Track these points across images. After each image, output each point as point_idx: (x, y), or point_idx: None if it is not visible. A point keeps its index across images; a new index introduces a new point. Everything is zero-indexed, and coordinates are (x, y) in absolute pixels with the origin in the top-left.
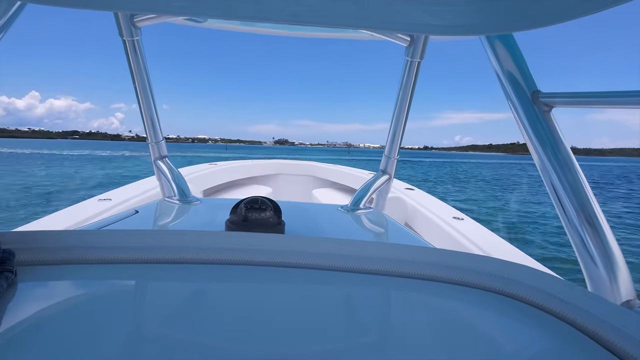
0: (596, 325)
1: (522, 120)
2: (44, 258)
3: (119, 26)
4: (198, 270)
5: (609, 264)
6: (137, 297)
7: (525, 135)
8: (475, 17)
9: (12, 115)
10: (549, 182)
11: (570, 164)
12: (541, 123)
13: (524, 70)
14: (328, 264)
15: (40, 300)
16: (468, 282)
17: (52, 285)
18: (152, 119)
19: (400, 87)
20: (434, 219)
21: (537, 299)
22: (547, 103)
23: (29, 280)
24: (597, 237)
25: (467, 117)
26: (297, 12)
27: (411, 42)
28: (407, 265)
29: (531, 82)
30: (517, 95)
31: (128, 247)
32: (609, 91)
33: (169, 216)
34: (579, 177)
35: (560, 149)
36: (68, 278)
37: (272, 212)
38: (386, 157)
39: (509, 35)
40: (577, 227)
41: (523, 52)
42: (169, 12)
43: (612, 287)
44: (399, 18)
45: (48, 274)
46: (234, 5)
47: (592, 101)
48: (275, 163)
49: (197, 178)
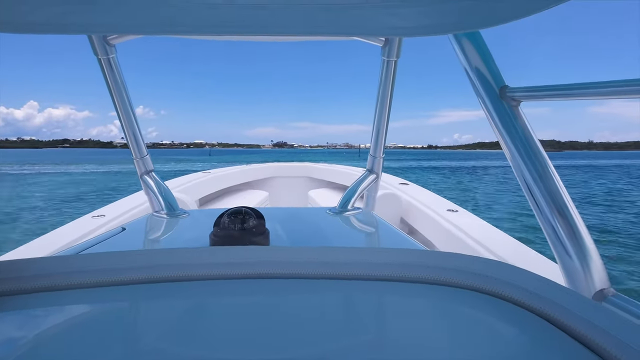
0: (570, 319)
1: (492, 116)
2: (26, 286)
3: (92, 45)
4: (184, 287)
5: (582, 255)
6: (122, 320)
7: (496, 130)
8: (440, 17)
9: (11, 125)
10: (521, 176)
11: (540, 157)
12: (510, 118)
13: (491, 66)
14: (311, 272)
15: (24, 330)
16: (444, 282)
17: (32, 314)
18: (134, 135)
19: (380, 86)
20: (429, 212)
21: (514, 295)
22: (515, 98)
23: (12, 309)
24: (569, 230)
25: (464, 115)
26: (268, 25)
27: (386, 42)
28: (382, 268)
29: (499, 77)
30: (486, 91)
31: (112, 269)
32: (576, 83)
33: (156, 232)
34: (549, 170)
35: (530, 142)
36: (49, 305)
37: (255, 221)
38: (372, 157)
39: (475, 32)
40: (550, 220)
41: (492, 48)
42: (140, 33)
43: (586, 277)
44: (369, 24)
45: (31, 302)
46: (202, 22)
47: (559, 94)
48: (270, 166)
49: (191, 187)
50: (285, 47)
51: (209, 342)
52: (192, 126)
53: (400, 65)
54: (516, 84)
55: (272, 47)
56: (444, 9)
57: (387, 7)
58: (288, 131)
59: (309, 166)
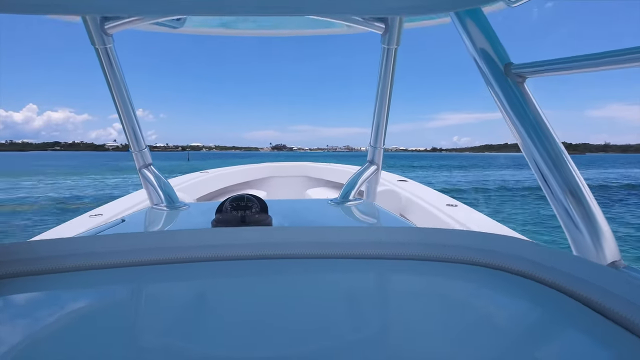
0: (582, 287)
1: (497, 93)
2: (26, 269)
3: (89, 33)
4: (186, 269)
5: (593, 229)
6: (127, 302)
7: (501, 107)
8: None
9: (10, 128)
10: (530, 154)
11: (549, 133)
12: (515, 95)
13: (495, 43)
14: (312, 252)
15: (25, 314)
16: (448, 258)
17: (35, 297)
18: (133, 128)
19: (380, 75)
20: (428, 207)
21: (521, 267)
22: (520, 74)
23: (12, 293)
24: (579, 203)
25: (464, 118)
26: (266, 3)
27: (386, 29)
28: (391, 247)
29: (503, 54)
30: (490, 69)
31: (113, 252)
32: (579, 55)
33: (156, 223)
34: (557, 145)
35: (537, 119)
36: (52, 288)
37: (257, 208)
38: (372, 147)
39: (478, 10)
40: (560, 195)
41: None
42: (141, 13)
43: (597, 250)
44: (368, 2)
45: (31, 285)
46: (195, 1)
47: (564, 67)
48: (267, 166)
49: (189, 187)
50: (286, 50)
51: (210, 324)
52: (191, 129)
53: (400, 66)
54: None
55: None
56: None
57: None
58: (287, 134)
59: (306, 165)
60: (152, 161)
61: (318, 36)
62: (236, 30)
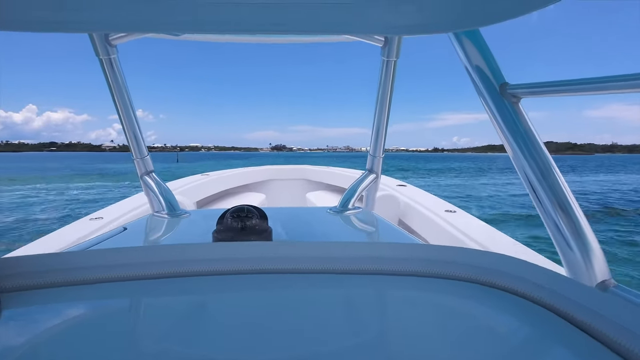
0: (571, 308)
1: (493, 113)
2: (29, 283)
3: (94, 45)
4: (187, 283)
5: (583, 247)
6: (127, 315)
7: (497, 127)
8: (440, 15)
9: (9, 128)
10: (522, 171)
11: (541, 152)
12: (510, 114)
13: (491, 63)
14: (314, 267)
15: (27, 327)
16: (450, 275)
17: (38, 311)
18: (135, 135)
19: (379, 86)
20: (427, 213)
21: (514, 285)
22: (515, 94)
23: (14, 307)
24: (570, 222)
25: (463, 118)
26: (268, 23)
27: (386, 42)
28: (396, 263)
29: (499, 74)
30: (486, 89)
31: (114, 265)
32: (576, 79)
33: (157, 231)
34: (550, 165)
35: (531, 138)
36: (54, 302)
37: (258, 219)
38: (371, 157)
39: (475, 30)
40: (552, 214)
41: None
42: (145, 31)
43: (588, 269)
44: (369, 22)
45: (33, 299)
46: (207, 20)
47: (559, 90)
48: (267, 169)
49: (190, 190)
50: (286, 52)
51: (211, 338)
52: (191, 130)
53: (400, 67)
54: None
55: (272, 51)
56: (444, 6)
57: (388, 5)
58: (287, 134)
59: (306, 168)
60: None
61: (315, 44)
62: (235, 37)
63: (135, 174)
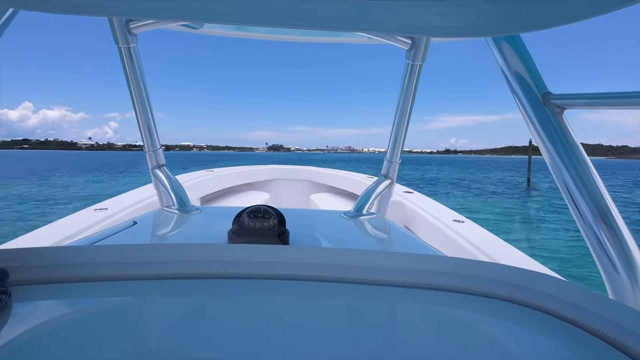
0: (621, 335)
1: (534, 123)
2: (39, 277)
3: (114, 33)
4: (201, 285)
5: (630, 268)
6: (139, 315)
7: (537, 137)
8: (481, 18)
9: (5, 126)
10: (563, 184)
11: (585, 166)
12: (553, 125)
13: (533, 71)
14: (334, 276)
15: (37, 322)
16: (480, 291)
17: (48, 305)
18: (149, 127)
19: (402, 90)
20: (434, 222)
21: (556, 307)
22: (559, 105)
23: (24, 300)
24: (615, 241)
25: (462, 120)
26: (297, 16)
27: (412, 45)
28: (417, 275)
29: (541, 83)
30: (527, 98)
31: (127, 263)
32: (625, 92)
33: (168, 227)
34: (595, 180)
35: (575, 151)
36: (64, 297)
37: (275, 220)
38: (388, 162)
39: (516, 35)
40: (595, 231)
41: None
42: (167, 17)
43: (635, 292)
44: (403, 20)
45: (43, 293)
46: (234, 9)
47: (607, 102)
48: (272, 168)
49: (194, 185)
50: (285, 53)
51: (221, 341)
52: (189, 129)
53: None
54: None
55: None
56: (486, 9)
57: (427, 6)
58: (285, 135)
59: (311, 170)
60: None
61: (313, 43)
62: (255, 34)
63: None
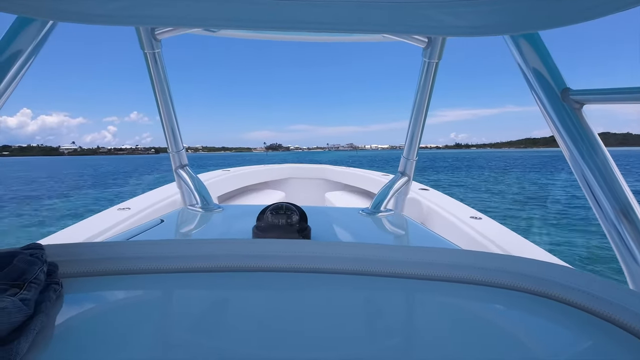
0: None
1: (552, 118)
2: (86, 270)
3: (140, 40)
4: (229, 277)
5: None
6: (172, 305)
7: (556, 132)
8: (499, 17)
9: (3, 133)
10: (583, 179)
11: (605, 160)
12: (572, 121)
13: (551, 67)
14: (356, 269)
15: (87, 311)
16: (500, 284)
17: (96, 296)
18: (172, 129)
19: (418, 88)
20: (451, 219)
21: (576, 298)
22: (578, 100)
23: (73, 292)
24: (636, 233)
25: (461, 114)
26: (320, 20)
27: (429, 43)
28: (437, 268)
29: (560, 79)
30: (546, 93)
31: (161, 257)
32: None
33: (194, 224)
34: (615, 174)
35: (594, 146)
36: (107, 289)
37: (297, 217)
38: (405, 159)
39: (534, 32)
40: (615, 223)
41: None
42: (191, 25)
43: None
44: (421, 21)
45: (91, 285)
46: (258, 16)
47: (626, 97)
48: (287, 167)
49: (212, 184)
50: (283, 53)
51: (250, 331)
52: (183, 131)
53: (399, 67)
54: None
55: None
56: (504, 9)
57: (444, 6)
58: (284, 134)
59: (325, 168)
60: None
61: (314, 43)
62: (270, 35)
63: None
